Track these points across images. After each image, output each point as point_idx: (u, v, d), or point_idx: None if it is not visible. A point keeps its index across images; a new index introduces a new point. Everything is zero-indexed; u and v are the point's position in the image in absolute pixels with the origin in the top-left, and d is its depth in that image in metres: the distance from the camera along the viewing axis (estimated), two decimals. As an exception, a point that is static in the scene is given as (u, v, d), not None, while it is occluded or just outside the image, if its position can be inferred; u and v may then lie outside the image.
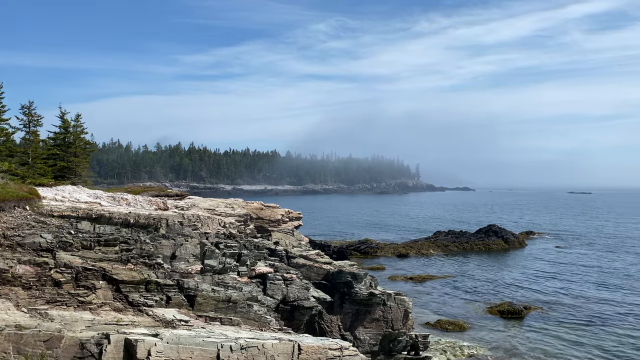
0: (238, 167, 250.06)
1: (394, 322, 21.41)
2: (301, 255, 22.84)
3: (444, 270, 49.48)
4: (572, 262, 53.63)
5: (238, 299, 16.99)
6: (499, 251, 61.97)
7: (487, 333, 29.23)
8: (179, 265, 17.65)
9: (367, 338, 21.17)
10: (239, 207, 27.88)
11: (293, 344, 12.78)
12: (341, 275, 21.50)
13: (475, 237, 66.39)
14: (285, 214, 31.10)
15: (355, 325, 21.41)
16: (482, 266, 51.69)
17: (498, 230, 67.75)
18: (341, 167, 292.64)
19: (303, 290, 19.36)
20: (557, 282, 43.64)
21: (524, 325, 30.84)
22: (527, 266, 51.44)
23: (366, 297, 20.98)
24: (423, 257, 56.91)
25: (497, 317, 32.79)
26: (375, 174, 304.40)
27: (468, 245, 62.70)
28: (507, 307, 33.91)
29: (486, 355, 25.69)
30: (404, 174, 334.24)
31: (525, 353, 25.94)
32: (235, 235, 21.85)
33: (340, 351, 13.20)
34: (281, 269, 20.29)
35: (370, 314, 21.34)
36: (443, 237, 67.34)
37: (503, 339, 28.08)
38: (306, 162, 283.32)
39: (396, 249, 60.15)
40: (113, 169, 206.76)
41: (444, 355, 25.29)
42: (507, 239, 65.91)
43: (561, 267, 50.63)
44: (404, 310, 21.77)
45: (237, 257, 19.46)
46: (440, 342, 27.28)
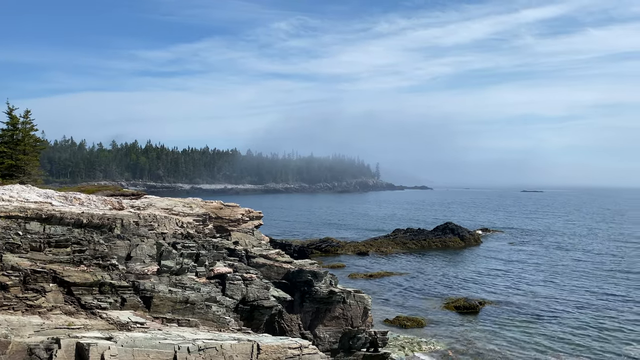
0: (197, 166, 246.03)
1: (354, 319, 21.60)
2: (261, 254, 22.69)
3: (402, 267, 50.32)
4: (524, 259, 55.64)
5: (196, 300, 16.73)
6: (456, 248, 63.56)
7: (444, 328, 29.94)
8: (134, 267, 17.20)
9: (327, 336, 21.27)
10: (197, 206, 27.41)
11: (252, 344, 12.70)
12: (301, 274, 21.51)
13: (432, 234, 67.84)
14: (245, 213, 30.79)
15: (316, 324, 21.47)
16: (439, 263, 52.89)
17: (454, 228, 69.46)
18: (303, 166, 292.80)
19: (263, 289, 19.26)
20: (509, 277, 45.15)
21: (479, 320, 31.77)
22: (482, 262, 53.00)
23: (326, 295, 21.07)
24: (382, 255, 57.69)
25: (454, 312, 33.64)
26: (337, 173, 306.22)
27: (426, 243, 64.00)
28: (463, 303, 34.85)
29: (444, 349, 26.31)
30: (365, 173, 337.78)
31: (481, 347, 26.72)
32: (193, 235, 21.48)
33: (300, 350, 13.21)
34: (241, 269, 20.10)
35: (330, 312, 21.44)
36: (402, 234, 68.46)
37: (459, 334, 28.83)
38: (267, 161, 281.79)
39: (356, 247, 60.73)
40: (66, 168, 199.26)
41: (403, 351, 25.73)
42: (463, 236, 67.67)
43: (514, 264, 52.43)
44: (364, 307, 21.99)
45: (195, 258, 19.15)
46: (399, 338, 27.74)
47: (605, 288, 40.38)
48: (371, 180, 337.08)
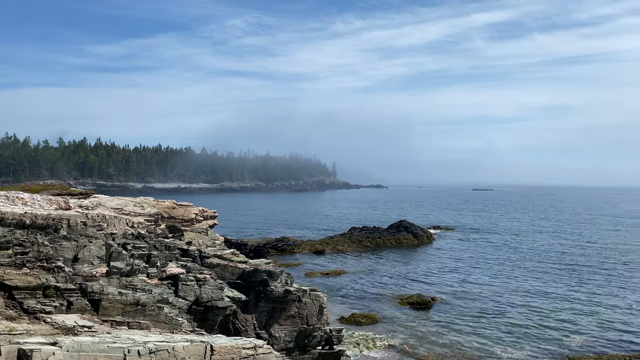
0: (149, 165, 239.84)
1: (309, 317, 21.67)
2: (215, 254, 22.38)
3: (358, 265, 50.91)
4: (473, 255, 57.46)
5: (147, 302, 16.32)
6: (409, 245, 64.88)
7: (399, 324, 30.53)
8: (82, 268, 16.59)
9: (282, 335, 21.24)
10: (149, 206, 26.76)
11: (205, 345, 12.51)
12: (257, 274, 21.37)
13: (387, 232, 68.96)
14: (199, 213, 30.33)
15: (271, 323, 21.40)
16: (393, 260, 53.85)
17: (408, 226, 70.90)
18: (259, 165, 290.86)
19: (217, 290, 19.01)
20: (460, 273, 46.53)
21: (431, 315, 32.59)
22: (434, 259, 54.37)
23: (282, 294, 21.03)
24: (339, 253, 58.16)
25: (408, 308, 34.36)
26: (294, 171, 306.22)
27: (381, 241, 65.00)
28: (416, 299, 35.66)
29: (398, 344, 26.82)
30: (322, 172, 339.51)
31: (434, 340, 27.43)
32: (144, 235, 20.94)
33: (254, 350, 13.12)
34: (194, 270, 19.77)
35: (286, 311, 21.42)
36: (357, 233, 69.24)
37: (413, 329, 29.48)
38: (223, 160, 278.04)
39: (313, 245, 60.94)
40: (8, 166, 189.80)
41: (357, 348, 26.05)
42: (416, 234, 69.17)
43: (464, 260, 54.07)
44: (319, 305, 22.09)
45: (146, 259, 18.67)
46: (354, 335, 28.06)
47: (549, 283, 42.29)
48: (328, 179, 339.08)
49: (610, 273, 45.74)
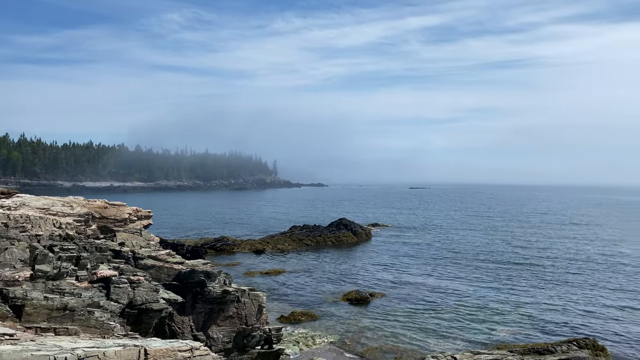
0: (79, 162, 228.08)
1: (248, 317, 21.49)
2: (150, 255, 21.68)
3: (299, 263, 51.07)
4: (410, 251, 59.26)
5: (76, 306, 15.53)
6: (349, 243, 65.89)
7: (338, 320, 30.94)
8: (3, 273, 15.55)
9: (220, 336, 20.93)
10: (78, 205, 25.51)
11: (139, 349, 12.10)
12: (193, 275, 20.91)
13: (327, 230, 69.66)
14: (133, 213, 29.27)
15: (209, 325, 21.03)
16: (333, 258, 54.48)
17: (348, 224, 71.99)
18: (197, 163, 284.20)
19: (152, 292, 18.42)
20: (397, 269, 47.84)
21: (369, 310, 33.29)
22: (372, 256, 55.54)
23: (220, 295, 20.71)
24: (279, 252, 58.05)
25: (347, 304, 34.90)
26: (233, 170, 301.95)
27: (321, 239, 65.53)
28: (355, 295, 36.29)
29: (337, 340, 27.19)
30: (262, 170, 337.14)
31: (371, 335, 28.05)
32: (73, 236, 19.93)
33: (191, 352, 12.84)
34: (127, 271, 19.05)
35: (224, 312, 21.12)
36: (298, 231, 69.44)
37: (351, 324, 29.98)
38: (158, 157, 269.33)
39: (253, 245, 60.44)
40: None
41: (297, 346, 26.16)
42: (355, 232, 70.37)
43: (401, 256, 55.63)
44: (258, 305, 21.95)
45: (75, 261, 17.78)
46: (293, 333, 28.15)
47: (479, 278, 44.39)
48: (269, 178, 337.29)
49: (534, 268, 48.68)
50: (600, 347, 25.42)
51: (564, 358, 21.79)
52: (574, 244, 64.47)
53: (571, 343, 24.76)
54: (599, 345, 25.46)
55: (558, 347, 23.70)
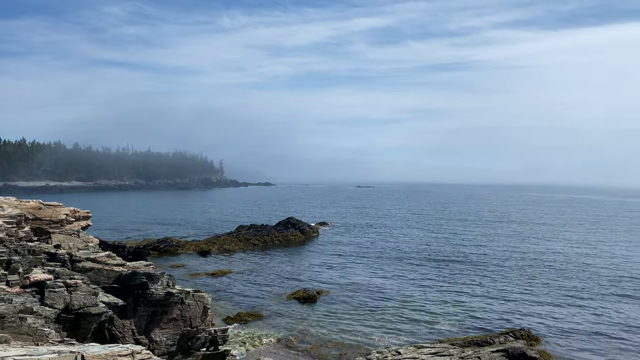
0: (11, 161, 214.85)
1: (193, 319, 21.05)
2: (88, 258, 20.78)
3: (245, 263, 50.57)
4: (356, 249, 60.11)
5: (7, 313, 14.64)
6: (297, 242, 65.97)
7: (285, 319, 30.92)
8: None
9: (164, 339, 20.38)
10: (10, 206, 24.06)
11: (75, 356, 11.57)
12: (135, 277, 20.24)
13: (275, 229, 69.41)
14: (70, 213, 27.94)
15: (151, 328, 20.42)
16: (281, 257, 54.36)
17: (296, 223, 72.04)
18: (139, 162, 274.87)
19: (90, 296, 17.66)
20: (344, 267, 48.39)
21: (317, 308, 33.49)
22: (320, 254, 55.88)
23: (163, 297, 20.16)
24: (225, 252, 57.23)
25: (294, 303, 34.94)
26: (178, 169, 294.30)
27: (269, 238, 65.19)
28: (302, 294, 36.39)
29: (283, 339, 27.16)
30: (208, 169, 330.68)
31: (317, 332, 28.23)
32: (3, 239, 18.79)
33: (132, 356, 12.42)
34: (63, 275, 18.16)
35: (168, 314, 20.58)
36: (245, 231, 68.74)
37: (298, 323, 30.05)
38: (98, 156, 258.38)
39: (198, 245, 59.23)
40: None
41: (244, 347, 25.92)
42: (303, 230, 70.54)
43: (348, 254, 56.31)
44: (203, 306, 21.55)
45: (5, 265, 16.77)
46: (240, 334, 27.86)
47: (422, 274, 45.69)
48: (215, 177, 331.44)
49: (473, 264, 50.68)
50: (535, 337, 26.86)
51: (501, 349, 22.83)
52: (510, 241, 67.64)
53: (508, 334, 26.00)
54: (533, 336, 26.89)
55: (496, 339, 24.81)
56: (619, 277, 42.52)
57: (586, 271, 45.61)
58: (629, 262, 50.51)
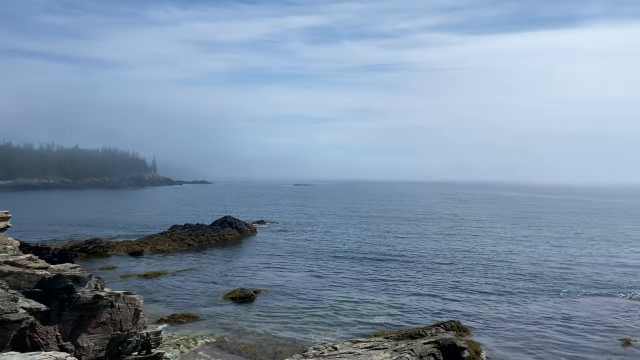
0: None
1: (123, 323, 20.23)
2: (7, 261, 19.40)
3: (180, 264, 49.26)
4: (294, 247, 60.26)
5: None
6: (234, 241, 65.12)
7: (220, 319, 30.43)
8: None
9: (92, 344, 19.42)
10: None
11: (-9, 366, 10.82)
12: (60, 280, 19.13)
13: (211, 229, 68.13)
14: (-15, 214, 25.91)
15: (78, 333, 19.41)
16: (218, 257, 53.43)
17: (233, 221, 71.10)
18: (65, 159, 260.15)
19: (9, 302, 16.50)
20: (282, 265, 48.37)
21: (254, 308, 33.23)
22: (258, 253, 55.48)
23: (90, 300, 19.20)
24: (159, 253, 55.47)
25: (231, 303, 34.48)
26: (107, 167, 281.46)
27: (204, 238, 63.88)
28: (239, 293, 35.97)
29: (219, 340, 26.72)
30: (140, 167, 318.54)
31: (253, 331, 28.05)
32: None
33: (56, 364, 11.79)
34: (-22, 280, 16.86)
35: (96, 318, 19.63)
36: (180, 230, 66.97)
37: (234, 323, 29.69)
38: (19, 152, 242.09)
39: (129, 246, 56.98)
40: None
41: (178, 349, 25.25)
42: (241, 229, 69.75)
43: (286, 252, 56.34)
44: (135, 309, 20.77)
45: None
46: (174, 336, 27.12)
47: (358, 271, 46.59)
48: (147, 175, 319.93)
49: (406, 260, 52.32)
50: (464, 328, 28.13)
51: (432, 340, 23.71)
52: (440, 238, 70.42)
53: (439, 326, 27.05)
54: (462, 326, 28.15)
55: (428, 331, 25.73)
56: (539, 272, 45.42)
57: (510, 266, 48.36)
58: (548, 258, 54.09)
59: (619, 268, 46.72)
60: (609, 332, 28.33)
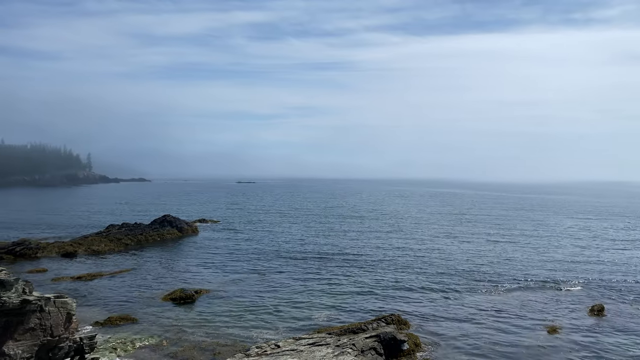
0: None
1: (54, 328, 19.24)
2: None
3: (117, 265, 47.41)
4: (236, 247, 59.56)
5: None
6: (174, 240, 63.47)
7: (160, 321, 29.60)
8: None
9: (19, 352, 18.33)
10: None
11: None
12: (-17, 284, 17.92)
13: (150, 228, 66.04)
14: None
15: (4, 340, 18.27)
16: (157, 257, 51.88)
17: (172, 220, 69.25)
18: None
19: None
20: (224, 265, 47.69)
21: (194, 308, 32.56)
22: (199, 253, 54.36)
23: (17, 305, 18.12)
24: (94, 254, 53.13)
25: (171, 304, 33.60)
26: (37, 164, 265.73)
27: (143, 237, 61.85)
28: (179, 294, 35.09)
29: (157, 342, 25.97)
30: (73, 164, 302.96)
31: (193, 332, 27.50)
32: None
33: (-23, 374, 11.02)
34: None
35: (24, 324, 18.56)
36: (116, 230, 64.41)
37: (174, 324, 28.97)
38: None
39: (62, 247, 54.16)
40: None
41: (114, 352, 24.32)
42: (181, 228, 68.08)
43: (228, 252, 55.59)
44: (67, 313, 19.82)
45: None
46: (110, 339, 26.10)
47: (300, 269, 46.77)
48: (81, 173, 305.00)
49: (348, 257, 53.10)
50: (404, 322, 28.93)
51: (374, 334, 24.21)
52: (382, 235, 72.00)
53: (380, 320, 27.68)
54: (402, 320, 28.94)
55: (369, 325, 26.26)
56: (474, 266, 47.43)
57: (447, 262, 50.21)
58: (482, 253, 56.60)
59: (548, 262, 49.65)
60: (537, 321, 30.08)
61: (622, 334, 28.05)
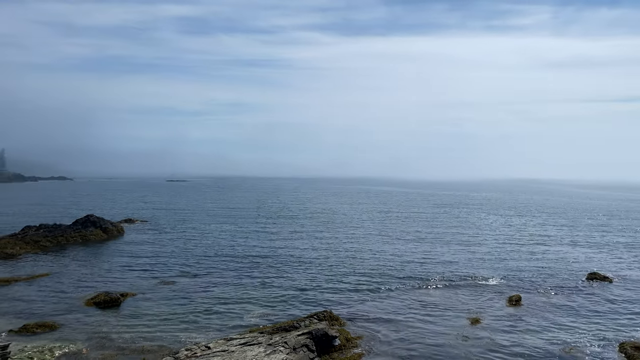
0: None
1: (-39, 339, 17.70)
2: None
3: (35, 269, 44.42)
4: (166, 247, 57.77)
5: None
6: (98, 241, 60.48)
7: (81, 327, 28.11)
8: None
9: None
10: None
11: None
12: None
13: (71, 229, 62.47)
14: None
15: None
16: (79, 259, 49.18)
17: (96, 220, 65.92)
18: None
19: None
20: (152, 266, 46.08)
21: (121, 312, 31.22)
22: (126, 254, 52.15)
23: None
24: (7, 258, 49.43)
25: (94, 308, 32.02)
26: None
27: (63, 239, 58.39)
28: (103, 298, 33.49)
29: (78, 349, 24.65)
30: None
31: (117, 338, 26.33)
32: None
33: None
34: None
35: None
36: (33, 232, 60.26)
37: (98, 330, 27.62)
38: None
39: (-31, 251, 49.88)
40: None
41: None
42: (105, 229, 64.97)
43: (156, 252, 53.76)
44: (-25, 322, 18.30)
45: None
46: (26, 348, 24.45)
47: (231, 269, 46.20)
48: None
49: (281, 257, 53.15)
50: (336, 318, 29.36)
51: (306, 331, 24.40)
52: (315, 234, 72.66)
53: (312, 317, 27.93)
54: (334, 316, 29.36)
55: (302, 322, 26.42)
56: (402, 264, 49.05)
57: (378, 260, 51.58)
58: (410, 250, 58.66)
59: (472, 257, 52.30)
60: (461, 312, 31.67)
61: (537, 319, 30.32)
